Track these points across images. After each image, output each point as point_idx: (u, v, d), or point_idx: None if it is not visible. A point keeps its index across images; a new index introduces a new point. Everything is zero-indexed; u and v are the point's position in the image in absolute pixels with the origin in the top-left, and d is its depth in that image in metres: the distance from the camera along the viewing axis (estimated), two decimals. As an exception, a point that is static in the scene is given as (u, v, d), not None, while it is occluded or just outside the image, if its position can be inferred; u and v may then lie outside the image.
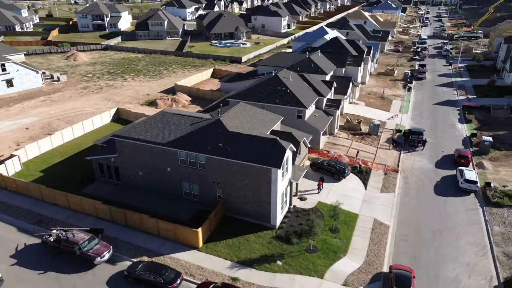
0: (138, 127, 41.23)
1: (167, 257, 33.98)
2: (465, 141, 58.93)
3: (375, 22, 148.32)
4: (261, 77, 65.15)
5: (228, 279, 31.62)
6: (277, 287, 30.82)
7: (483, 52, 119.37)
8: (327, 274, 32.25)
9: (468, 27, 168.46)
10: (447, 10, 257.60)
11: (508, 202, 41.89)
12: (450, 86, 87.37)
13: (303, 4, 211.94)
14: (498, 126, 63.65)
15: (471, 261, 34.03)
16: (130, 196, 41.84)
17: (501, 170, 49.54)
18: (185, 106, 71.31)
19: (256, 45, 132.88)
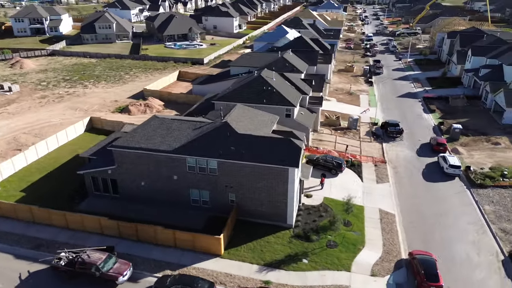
0: (136, 136, 39.16)
1: (190, 268, 32.77)
2: (435, 129, 63.39)
3: (323, 21, 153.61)
4: (239, 77, 64.78)
5: (260, 283, 31.28)
6: (310, 285, 31.14)
7: (425, 47, 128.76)
8: (353, 266, 33.16)
9: (406, 24, 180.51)
10: (382, 9, 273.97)
11: (490, 183, 45.87)
12: (406, 80, 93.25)
13: (249, 4, 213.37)
14: (459, 114, 69.25)
15: (475, 240, 36.89)
16: (132, 209, 39.78)
17: (474, 154, 54.07)
18: (159, 111, 68.78)
19: (212, 46, 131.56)
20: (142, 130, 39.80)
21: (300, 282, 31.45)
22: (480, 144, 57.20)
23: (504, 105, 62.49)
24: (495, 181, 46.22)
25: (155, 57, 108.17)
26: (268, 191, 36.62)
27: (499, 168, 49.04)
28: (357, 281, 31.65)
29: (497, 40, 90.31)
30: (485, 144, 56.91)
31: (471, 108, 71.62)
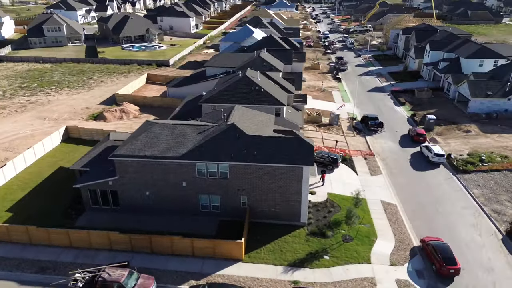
0: (138, 144, 37.30)
1: (215, 276, 31.92)
2: (409, 121, 66.86)
3: (280, 20, 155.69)
4: (221, 78, 63.81)
5: (289, 284, 31.23)
6: (338, 280, 31.63)
7: (380, 43, 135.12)
8: (372, 258, 34.14)
9: (356, 22, 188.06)
10: (329, 7, 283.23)
11: (473, 168, 49.33)
12: (370, 75, 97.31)
13: (202, 4, 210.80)
14: (426, 106, 73.57)
15: (473, 223, 39.50)
16: (136, 221, 37.96)
17: (451, 142, 57.78)
18: (136, 116, 66.01)
19: (172, 47, 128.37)
20: (143, 137, 37.96)
21: (327, 278, 31.84)
22: (453, 132, 61.26)
23: (468, 95, 67.34)
24: (476, 166, 49.79)
25: (116, 60, 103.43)
26: (282, 191, 36.59)
27: (476, 154, 52.86)
28: (380, 271, 32.64)
29: (449, 35, 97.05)
30: (458, 132, 61.06)
31: (436, 100, 76.36)
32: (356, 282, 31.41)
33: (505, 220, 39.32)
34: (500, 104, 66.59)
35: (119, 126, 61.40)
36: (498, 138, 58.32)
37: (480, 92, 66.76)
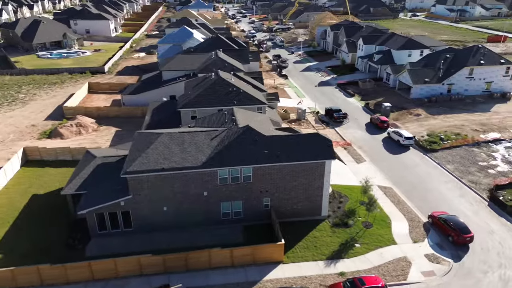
0: (150, 157, 34.52)
1: (265, 281, 31.27)
2: (365, 110, 72.00)
3: (204, 20, 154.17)
4: (189, 82, 61.29)
5: (336, 276, 31.97)
6: (378, 264, 33.28)
7: (306, 40, 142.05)
8: (396, 239, 36.53)
9: (276, 21, 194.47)
10: (242, 7, 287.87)
11: (438, 147, 55.27)
12: (310, 70, 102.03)
13: (114, 6, 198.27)
14: (373, 95, 79.90)
15: (460, 193, 44.50)
16: (153, 240, 35.26)
17: (409, 126, 63.80)
18: (96, 129, 60.28)
19: (97, 52, 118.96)
20: (153, 150, 35.17)
21: (368, 265, 33.29)
22: (406, 117, 67.69)
23: (410, 82, 74.90)
24: (439, 145, 55.90)
25: (41, 70, 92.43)
26: (305, 188, 37.06)
27: (435, 134, 59.26)
28: (408, 250, 35.11)
29: (374, 30, 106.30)
30: (410, 117, 67.65)
31: (379, 89, 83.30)
32: (394, 264, 33.43)
33: (483, 188, 45.09)
34: (436, 89, 75.35)
35: (81, 142, 55.57)
36: (445, 119, 66.12)
37: (420, 79, 74.73)
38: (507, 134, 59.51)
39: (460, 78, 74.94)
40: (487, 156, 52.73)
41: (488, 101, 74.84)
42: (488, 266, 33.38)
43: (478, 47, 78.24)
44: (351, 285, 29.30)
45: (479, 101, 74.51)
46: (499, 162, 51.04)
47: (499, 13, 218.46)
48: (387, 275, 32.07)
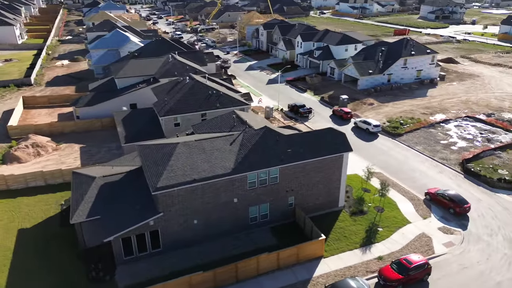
0: (176, 169, 32.33)
1: (316, 278, 31.62)
2: (322, 103, 75.58)
3: (124, 22, 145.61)
4: (161, 86, 57.77)
5: (375, 260, 33.66)
6: (406, 244, 35.81)
7: (235, 39, 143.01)
8: (408, 218, 39.62)
9: (196, 21, 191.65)
10: (152, 8, 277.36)
11: (401, 131, 60.71)
12: (254, 69, 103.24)
13: (10, 9, 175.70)
14: (323, 89, 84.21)
15: (439, 170, 49.70)
16: (186, 257, 33.33)
17: (367, 114, 68.83)
18: (56, 148, 53.64)
19: (9, 62, 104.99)
20: (175, 162, 32.92)
21: (397, 246, 35.61)
22: (361, 106, 72.89)
23: (357, 75, 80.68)
24: (401, 129, 61.50)
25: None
26: (325, 182, 38.09)
27: (394, 120, 64.95)
28: (422, 226, 38.35)
29: (307, 27, 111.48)
30: (365, 106, 73.05)
31: (326, 83, 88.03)
32: (418, 241, 36.30)
33: (454, 163, 51.03)
34: (379, 79, 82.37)
35: (46, 164, 49.23)
36: (395, 106, 72.78)
37: (365, 71, 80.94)
38: (450, 114, 67.89)
39: (397, 68, 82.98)
40: (444, 135, 59.68)
41: (421, 87, 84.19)
42: (490, 229, 38.21)
43: (407, 39, 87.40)
44: (399, 266, 31.18)
45: (414, 88, 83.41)
46: (456, 139, 58.14)
47: (393, 9, 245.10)
48: (418, 252, 34.79)
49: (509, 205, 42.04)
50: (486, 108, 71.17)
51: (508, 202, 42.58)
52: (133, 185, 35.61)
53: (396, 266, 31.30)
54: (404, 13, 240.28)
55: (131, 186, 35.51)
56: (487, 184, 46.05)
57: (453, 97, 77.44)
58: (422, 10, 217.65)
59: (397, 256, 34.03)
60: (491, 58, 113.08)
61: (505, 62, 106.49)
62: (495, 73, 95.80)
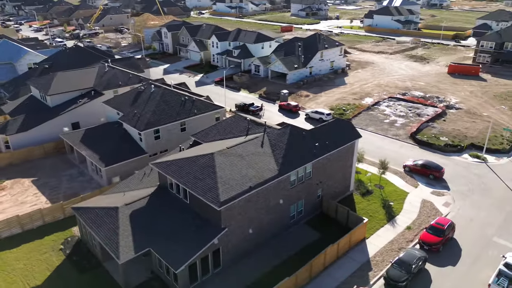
0: (228, 181, 30.53)
1: (373, 259, 33.80)
2: (262, 99, 77.47)
3: None
4: (123, 96, 51.41)
5: (406, 231, 37.45)
6: (418, 211, 40.53)
7: (131, 43, 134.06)
8: (405, 189, 44.71)
9: (71, 26, 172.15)
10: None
11: (349, 116, 66.84)
12: (170, 73, 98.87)
13: None
14: (255, 86, 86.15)
15: (399, 145, 56.63)
16: (246, 269, 31.94)
17: (310, 105, 73.43)
18: (2, 187, 43.58)
19: None
20: (221, 174, 30.92)
21: (414, 215, 40.04)
22: (301, 99, 77.31)
23: (285, 70, 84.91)
24: (347, 115, 67.72)
25: None
26: (342, 170, 40.32)
27: (335, 107, 70.94)
28: (420, 193, 43.78)
29: (216, 27, 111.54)
30: (303, 98, 77.67)
31: (254, 80, 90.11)
32: (425, 207, 41.42)
33: (404, 138, 58.77)
34: (303, 72, 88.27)
35: (4, 207, 39.81)
36: (327, 95, 79.26)
37: (291, 66, 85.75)
38: (375, 97, 77.27)
39: (315, 61, 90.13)
40: (383, 115, 67.99)
41: (337, 76, 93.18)
42: (467, 187, 45.81)
43: (318, 34, 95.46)
44: (435, 230, 35.27)
45: (332, 78, 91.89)
46: (394, 117, 66.87)
47: (266, 8, 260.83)
48: (431, 216, 39.85)
49: (465, 165, 50.88)
50: (397, 89, 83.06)
51: (463, 162, 51.54)
52: (169, 208, 32.08)
53: (432, 231, 35.49)
54: (276, 11, 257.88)
55: (167, 209, 31.93)
56: (440, 150, 54.72)
57: (367, 83, 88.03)
58: (292, 8, 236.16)
59: (420, 223, 38.55)
60: (371, 47, 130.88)
61: (384, 50, 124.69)
62: (383, 59, 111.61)
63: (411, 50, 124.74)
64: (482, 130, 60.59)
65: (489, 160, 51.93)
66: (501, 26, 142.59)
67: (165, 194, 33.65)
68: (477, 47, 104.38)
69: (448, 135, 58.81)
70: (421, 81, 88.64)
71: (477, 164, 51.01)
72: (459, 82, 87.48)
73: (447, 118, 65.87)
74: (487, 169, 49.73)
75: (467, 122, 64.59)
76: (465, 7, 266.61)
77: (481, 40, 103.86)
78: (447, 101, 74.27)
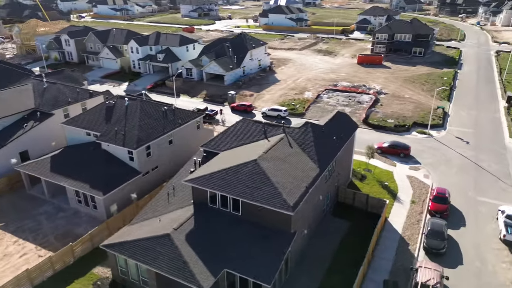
0: (284, 185, 30.16)
1: (404, 234, 37.01)
2: (208, 102, 75.82)
3: None
4: (97, 109, 44.63)
5: (413, 205, 41.82)
6: (410, 186, 45.44)
7: (18, 54, 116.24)
8: (388, 169, 49.49)
9: None
10: None
11: (301, 111, 69.99)
12: (90, 83, 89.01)
13: None
14: (193, 90, 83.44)
15: (359, 131, 61.62)
16: (311, 270, 32.10)
17: (259, 103, 74.61)
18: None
19: None
20: (275, 179, 30.37)
21: (410, 190, 44.80)
22: (246, 98, 77.85)
23: (222, 71, 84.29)
24: (298, 110, 70.92)
25: None
26: (347, 159, 42.76)
27: (284, 104, 73.55)
28: (401, 171, 48.94)
29: (128, 32, 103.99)
30: (248, 98, 78.41)
31: (189, 84, 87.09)
32: (413, 182, 46.60)
33: (360, 124, 64.43)
34: (238, 72, 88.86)
35: (-15, 264, 31.91)
36: (270, 92, 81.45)
37: (227, 67, 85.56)
38: (312, 90, 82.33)
39: (247, 60, 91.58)
40: (329, 106, 73.10)
41: (267, 74, 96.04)
42: (432, 159, 52.76)
43: (244, 34, 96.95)
44: (440, 199, 40.33)
45: (263, 76, 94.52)
46: (340, 106, 72.42)
47: (153, 10, 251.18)
48: (422, 189, 45.11)
49: (418, 141, 58.32)
50: (325, 81, 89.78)
51: (415, 139, 58.95)
52: (220, 224, 30.16)
53: (438, 200, 40.48)
54: (164, 12, 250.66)
55: (219, 226, 29.99)
56: (393, 131, 61.69)
57: (298, 78, 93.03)
58: (182, 9, 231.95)
59: (419, 196, 43.47)
60: (279, 44, 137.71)
61: (292, 46, 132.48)
62: (297, 55, 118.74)
63: (314, 45, 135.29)
64: (412, 110, 70.13)
65: (432, 134, 60.71)
66: (378, 20, 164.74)
67: (208, 210, 31.46)
68: (373, 39, 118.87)
69: (391, 117, 66.53)
70: (341, 72, 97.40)
71: (427, 139, 59.13)
72: (371, 71, 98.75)
73: (382, 103, 74.24)
74: (436, 142, 58.08)
75: (398, 104, 73.82)
76: (335, 5, 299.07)
77: (376, 33, 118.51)
78: (373, 88, 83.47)
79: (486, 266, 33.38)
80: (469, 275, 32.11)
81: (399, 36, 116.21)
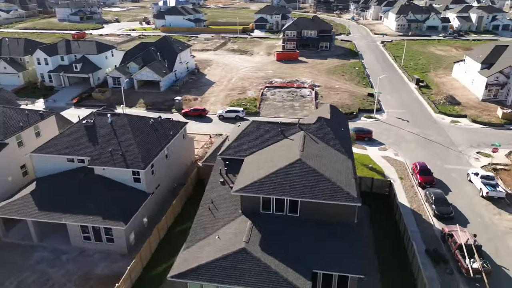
0: (339, 176, 31.02)
1: (416, 209, 41.12)
2: (153, 111, 71.00)
3: None
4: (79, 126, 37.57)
5: (403, 181, 46.61)
6: (390, 166, 50.41)
7: None
8: (363, 153, 53.84)
9: None
10: None
11: (255, 110, 70.72)
12: None
13: None
14: (128, 100, 76.71)
15: (316, 123, 65.29)
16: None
17: (208, 106, 72.76)
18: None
19: None
20: (326, 173, 31.08)
21: (392, 169, 49.72)
22: (191, 103, 75.04)
23: (157, 77, 79.47)
24: (251, 109, 71.49)
25: None
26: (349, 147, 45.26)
27: (235, 105, 73.25)
28: (374, 153, 53.92)
29: (31, 41, 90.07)
30: (193, 102, 75.71)
31: (119, 94, 79.73)
32: (390, 161, 51.84)
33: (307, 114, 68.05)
34: (171, 77, 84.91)
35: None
36: (212, 95, 79.93)
37: (161, 73, 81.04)
38: (252, 89, 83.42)
39: (177, 64, 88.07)
40: (278, 102, 75.29)
41: (198, 77, 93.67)
42: (391, 139, 58.98)
43: (165, 37, 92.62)
44: (425, 171, 45.94)
45: (195, 79, 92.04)
46: (286, 102, 75.14)
47: (20, 14, 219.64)
48: (400, 166, 50.43)
49: (371, 125, 64.49)
50: (257, 79, 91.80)
51: (367, 123, 65.07)
52: (281, 229, 29.57)
53: (424, 173, 45.97)
54: (35, 17, 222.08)
55: (281, 231, 29.44)
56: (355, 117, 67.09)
57: (230, 78, 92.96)
58: (59, 12, 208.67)
59: (402, 172, 48.62)
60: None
61: (205, 47, 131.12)
62: (214, 56, 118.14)
63: (224, 45, 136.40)
64: (348, 98, 77.09)
65: (378, 118, 67.88)
66: (274, 18, 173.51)
67: (263, 217, 30.43)
68: (284, 36, 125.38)
69: (338, 107, 71.96)
70: (267, 69, 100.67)
71: (376, 123, 65.85)
72: (293, 66, 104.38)
73: (321, 95, 79.57)
74: (385, 124, 65.19)
75: (335, 95, 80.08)
76: (219, 4, 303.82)
77: (286, 30, 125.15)
78: (306, 82, 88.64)
79: (484, 219, 39.59)
80: (480, 229, 37.68)
81: (305, 32, 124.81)
